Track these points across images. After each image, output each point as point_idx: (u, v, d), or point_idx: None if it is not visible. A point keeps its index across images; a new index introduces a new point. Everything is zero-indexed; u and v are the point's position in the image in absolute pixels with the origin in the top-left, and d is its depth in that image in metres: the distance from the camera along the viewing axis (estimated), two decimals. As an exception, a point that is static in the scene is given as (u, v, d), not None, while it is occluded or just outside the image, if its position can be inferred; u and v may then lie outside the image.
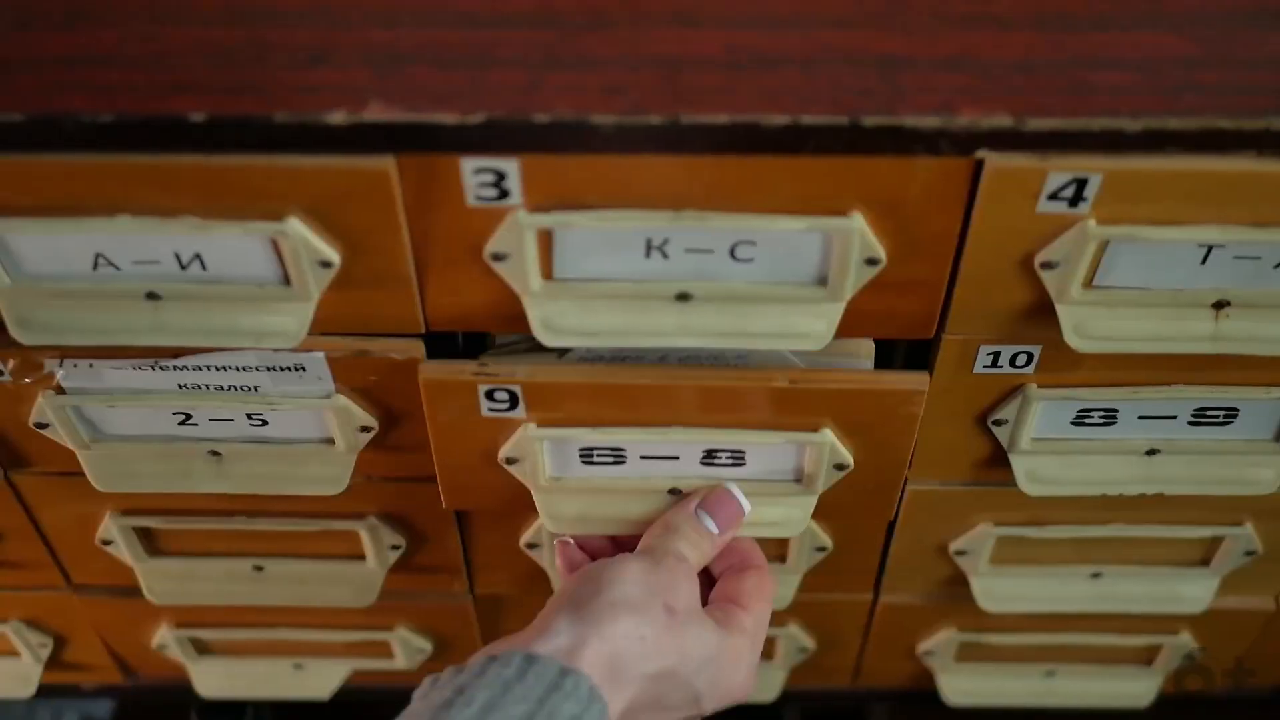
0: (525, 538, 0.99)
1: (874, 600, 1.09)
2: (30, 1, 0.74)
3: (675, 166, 0.71)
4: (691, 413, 0.84)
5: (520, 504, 0.91)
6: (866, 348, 0.86)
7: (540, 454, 0.86)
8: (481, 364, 0.81)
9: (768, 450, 0.87)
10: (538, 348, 0.88)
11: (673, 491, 0.89)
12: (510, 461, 0.87)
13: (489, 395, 0.82)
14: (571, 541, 0.91)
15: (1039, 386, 0.86)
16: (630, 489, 0.89)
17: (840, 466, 0.88)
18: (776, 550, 1.00)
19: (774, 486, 0.90)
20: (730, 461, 0.88)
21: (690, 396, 0.83)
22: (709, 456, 0.87)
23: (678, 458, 0.88)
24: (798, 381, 0.82)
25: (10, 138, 0.69)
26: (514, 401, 0.82)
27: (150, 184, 0.72)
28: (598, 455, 0.88)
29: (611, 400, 0.83)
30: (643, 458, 0.88)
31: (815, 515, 0.91)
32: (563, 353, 0.86)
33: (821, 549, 0.99)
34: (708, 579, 0.90)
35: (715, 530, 0.87)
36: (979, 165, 0.71)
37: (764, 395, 0.83)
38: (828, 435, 0.85)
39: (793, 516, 0.91)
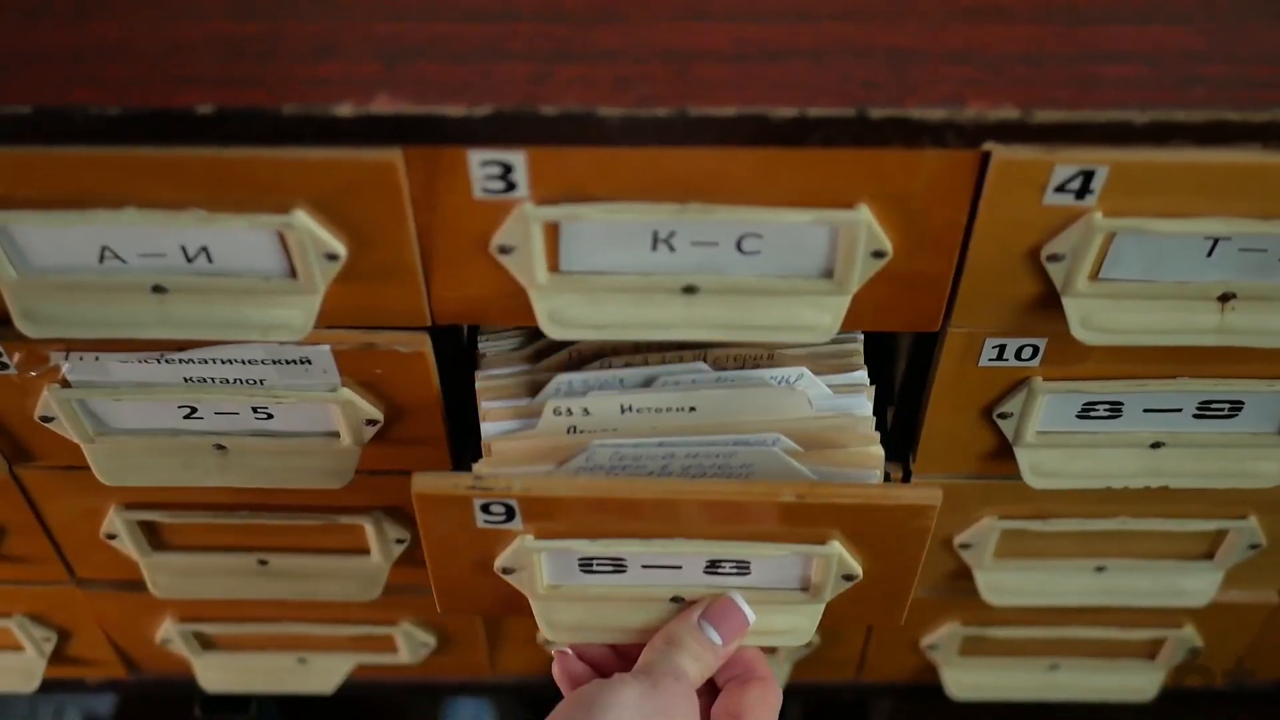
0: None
1: (878, 594, 1.09)
2: (37, -6, 0.74)
3: (682, 159, 0.71)
4: (695, 524, 0.83)
5: (517, 607, 0.89)
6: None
7: (538, 564, 0.85)
8: (477, 477, 0.79)
9: (774, 561, 0.85)
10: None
11: (675, 599, 0.87)
12: (507, 571, 0.85)
13: (485, 509, 0.80)
14: (570, 652, 0.89)
15: (1044, 380, 0.86)
16: (631, 597, 0.88)
17: (849, 577, 0.86)
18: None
19: (780, 595, 0.88)
20: (735, 571, 0.86)
21: (694, 509, 0.81)
22: (713, 566, 0.86)
23: (680, 567, 0.86)
24: (805, 496, 0.80)
25: (18, 130, 0.69)
26: (510, 514, 0.81)
27: (157, 176, 0.72)
28: (597, 564, 0.86)
29: (611, 512, 0.81)
30: (644, 567, 0.86)
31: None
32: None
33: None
34: (710, 688, 0.87)
35: (719, 642, 0.85)
36: (986, 157, 0.71)
37: (770, 509, 0.81)
38: (835, 547, 0.83)
39: (799, 625, 0.89)
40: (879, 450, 0.83)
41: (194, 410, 0.89)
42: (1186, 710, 1.24)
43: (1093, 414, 0.89)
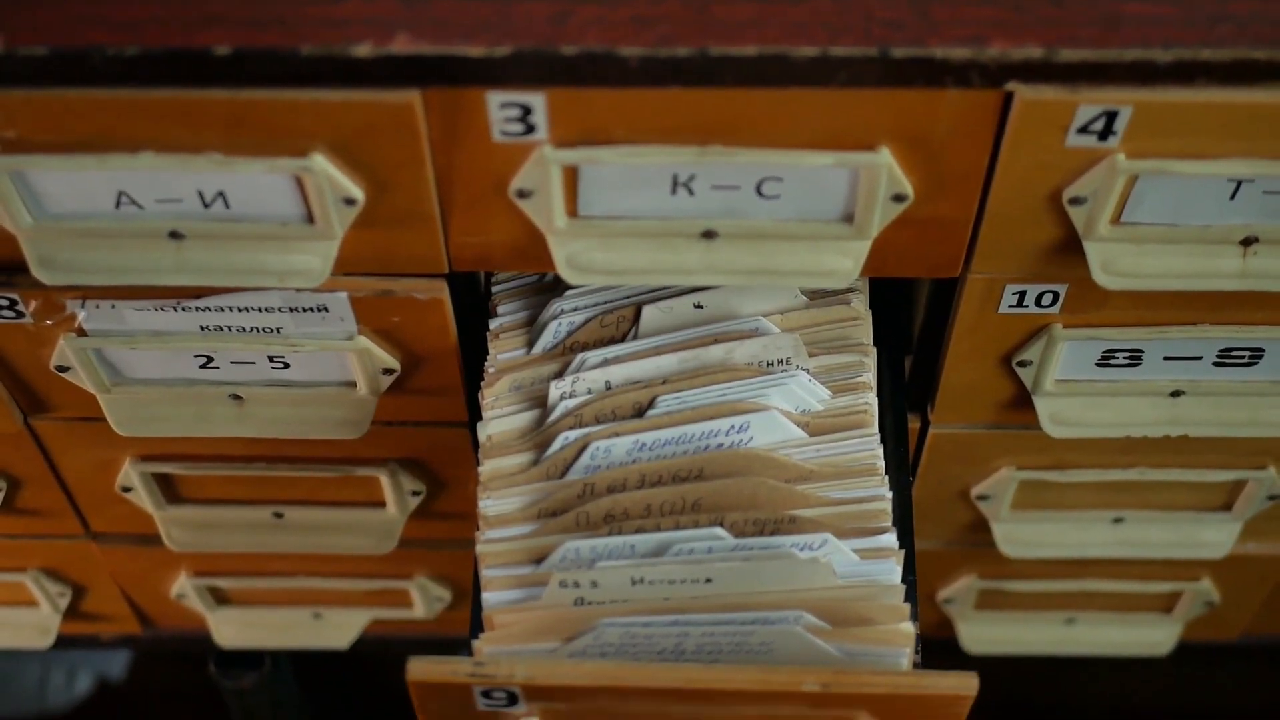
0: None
1: (894, 548, 1.09)
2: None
3: (703, 100, 0.71)
4: (710, 711, 0.77)
5: None
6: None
7: None
8: (477, 664, 0.75)
9: None
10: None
11: None
12: None
13: (485, 694, 0.76)
14: None
15: (1064, 327, 0.85)
16: None
17: None
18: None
19: None
20: None
21: (710, 697, 0.76)
22: None
23: None
24: (830, 685, 0.74)
25: (34, 72, 0.69)
26: (513, 699, 0.76)
27: (175, 119, 0.72)
28: None
29: (619, 697, 0.76)
30: None
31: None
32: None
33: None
34: None
35: None
36: (1009, 98, 0.71)
37: (793, 698, 0.75)
38: None
39: None
40: (910, 628, 0.77)
41: (210, 360, 0.89)
42: (1202, 664, 1.24)
43: (1112, 362, 0.89)
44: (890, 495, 0.80)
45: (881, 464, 0.81)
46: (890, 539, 0.79)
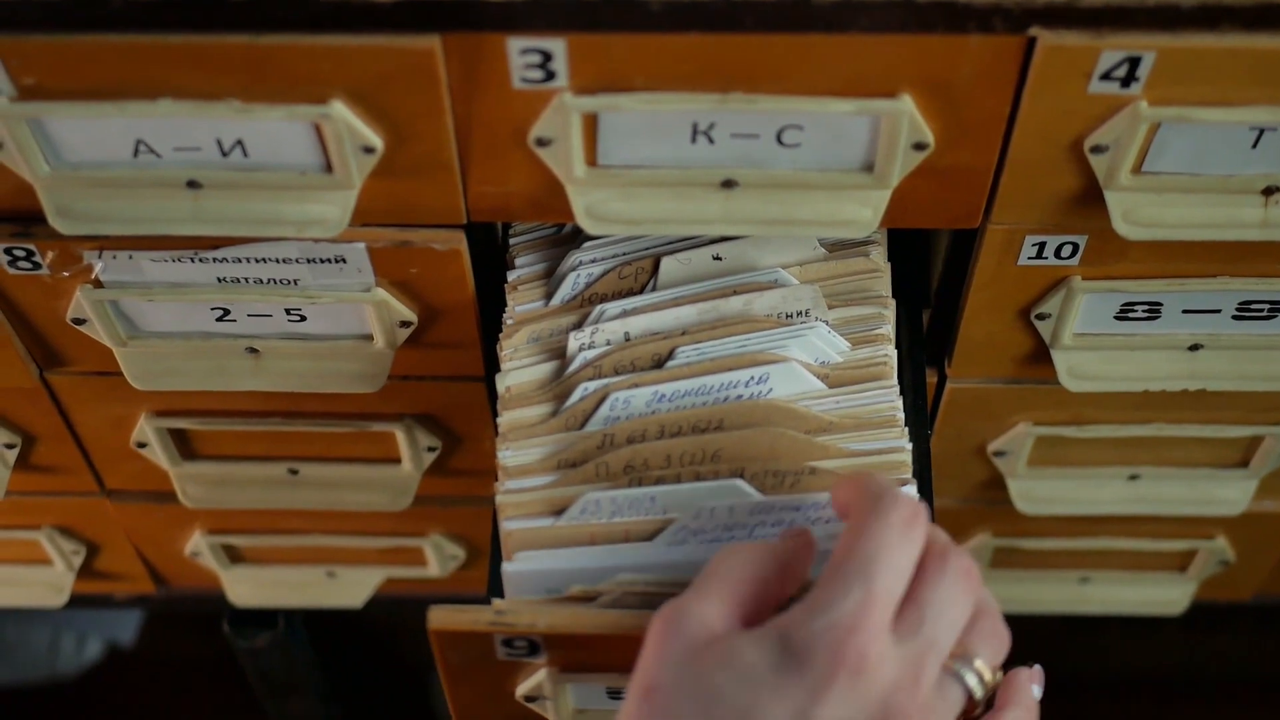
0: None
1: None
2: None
3: (724, 46, 0.71)
4: None
5: None
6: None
7: (564, 693, 0.80)
8: (498, 612, 0.74)
9: None
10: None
11: None
12: (530, 700, 0.80)
13: (507, 643, 0.76)
14: None
15: (1083, 279, 0.85)
16: None
17: None
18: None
19: None
20: None
21: None
22: None
23: None
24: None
25: (52, 17, 0.69)
26: (534, 648, 0.76)
27: (193, 66, 0.71)
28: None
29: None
30: None
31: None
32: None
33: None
34: None
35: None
36: (1031, 43, 0.71)
37: None
38: None
39: None
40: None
41: (227, 312, 0.88)
42: (1216, 624, 1.24)
43: (1131, 315, 0.89)
44: (910, 447, 0.80)
45: (901, 416, 0.81)
46: (911, 491, 0.79)
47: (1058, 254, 0.84)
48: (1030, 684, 0.73)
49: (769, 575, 0.69)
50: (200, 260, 0.84)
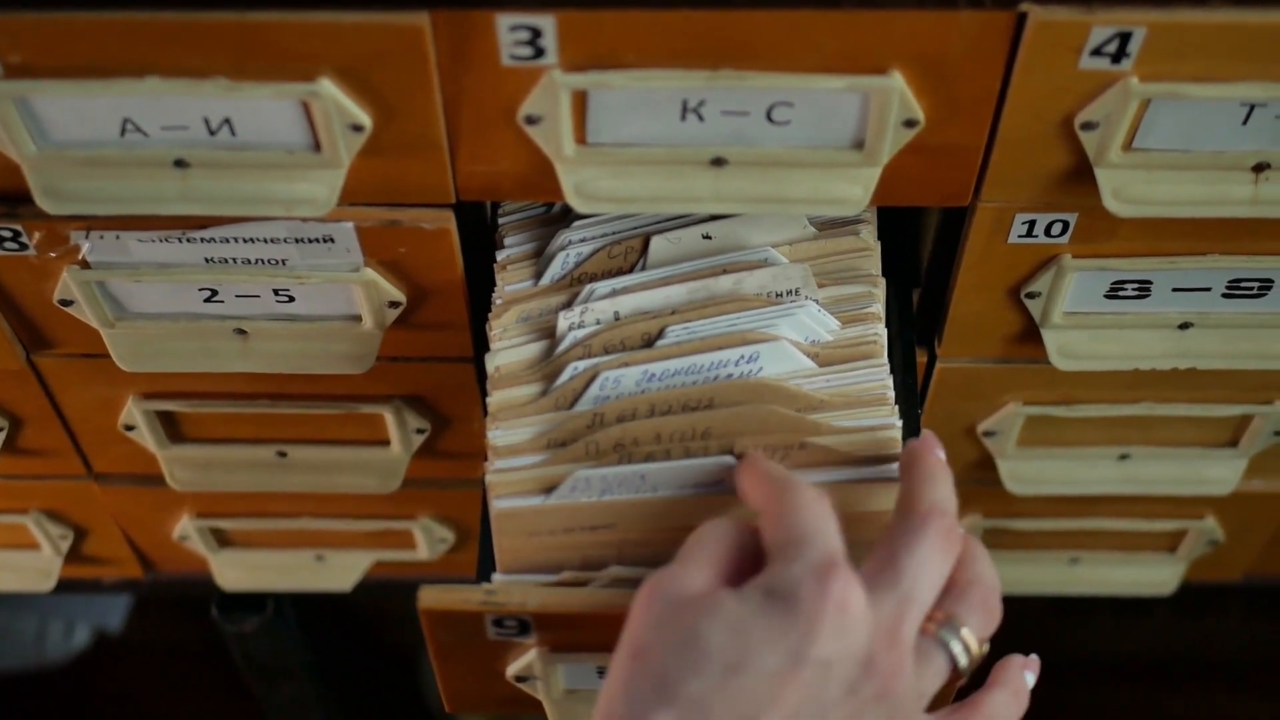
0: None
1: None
2: None
3: (714, 22, 0.70)
4: None
5: (532, 705, 0.83)
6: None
7: (554, 673, 0.80)
8: (489, 591, 0.75)
9: None
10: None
11: None
12: (520, 680, 0.81)
13: (497, 623, 0.76)
14: None
15: (1073, 257, 0.85)
16: None
17: None
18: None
19: None
20: None
21: None
22: None
23: None
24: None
25: (38, -7, 0.69)
26: (524, 628, 0.76)
27: (180, 43, 0.71)
28: None
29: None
30: None
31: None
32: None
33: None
34: None
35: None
36: (1022, 19, 0.70)
37: None
38: None
39: None
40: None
41: (215, 293, 0.88)
42: (1205, 604, 1.24)
43: (1121, 294, 0.88)
44: (900, 425, 0.80)
45: (892, 394, 0.81)
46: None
47: (1048, 232, 0.84)
48: (1024, 670, 0.74)
49: (749, 545, 0.71)
50: (188, 240, 0.83)
